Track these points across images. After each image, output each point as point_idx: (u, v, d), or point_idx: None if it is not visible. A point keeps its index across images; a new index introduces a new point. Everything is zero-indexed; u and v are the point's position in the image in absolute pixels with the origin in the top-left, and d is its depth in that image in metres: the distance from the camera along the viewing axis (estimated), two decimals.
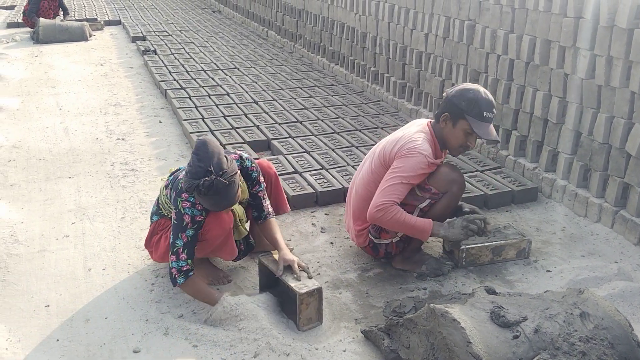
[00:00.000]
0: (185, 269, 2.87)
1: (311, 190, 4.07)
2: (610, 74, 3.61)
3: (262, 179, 3.17)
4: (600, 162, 3.75)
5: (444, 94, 3.16)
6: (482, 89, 3.08)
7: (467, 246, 3.29)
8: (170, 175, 3.11)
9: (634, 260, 3.40)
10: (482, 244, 3.31)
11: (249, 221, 3.31)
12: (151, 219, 3.22)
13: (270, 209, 3.21)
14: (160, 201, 3.14)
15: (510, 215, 3.93)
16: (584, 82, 3.81)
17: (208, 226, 2.93)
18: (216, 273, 3.19)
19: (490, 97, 3.07)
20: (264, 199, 3.18)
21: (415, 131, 3.13)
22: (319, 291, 2.81)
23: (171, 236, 2.89)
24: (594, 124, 3.78)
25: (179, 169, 3.10)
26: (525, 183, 4.17)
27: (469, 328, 2.26)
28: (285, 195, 3.50)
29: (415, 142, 3.03)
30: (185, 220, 2.85)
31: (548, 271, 3.31)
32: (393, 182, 2.99)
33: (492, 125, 3.08)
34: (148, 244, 3.20)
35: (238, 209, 3.13)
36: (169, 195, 3.00)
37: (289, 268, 2.92)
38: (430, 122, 3.23)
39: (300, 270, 2.91)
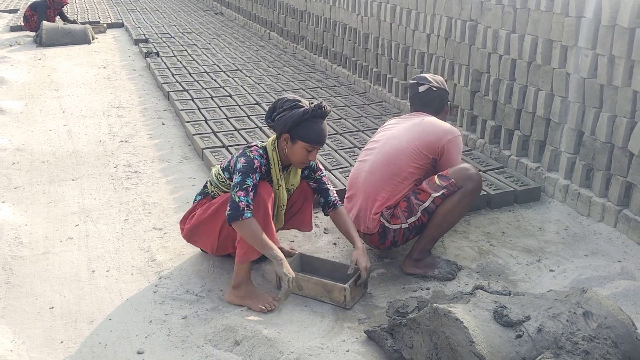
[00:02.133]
0: (252, 207, 2.87)
1: None
2: (613, 73, 3.60)
3: (320, 165, 3.23)
4: (602, 161, 3.75)
5: (428, 87, 3.48)
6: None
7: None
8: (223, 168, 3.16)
9: (637, 260, 3.39)
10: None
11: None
12: (194, 200, 3.29)
13: (336, 197, 3.25)
14: (211, 181, 3.21)
15: (513, 215, 3.93)
16: (586, 82, 3.81)
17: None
18: (260, 296, 3.02)
19: None
20: (327, 184, 3.24)
21: (435, 119, 3.42)
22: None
23: (239, 177, 2.89)
24: (596, 123, 3.78)
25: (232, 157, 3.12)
26: (527, 183, 4.17)
27: (472, 327, 2.26)
28: (312, 216, 3.37)
29: (450, 127, 3.35)
30: (255, 164, 2.94)
31: (551, 270, 3.31)
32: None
33: None
34: (184, 221, 3.27)
35: (282, 194, 3.10)
36: (225, 168, 3.10)
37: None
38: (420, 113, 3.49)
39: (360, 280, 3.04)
